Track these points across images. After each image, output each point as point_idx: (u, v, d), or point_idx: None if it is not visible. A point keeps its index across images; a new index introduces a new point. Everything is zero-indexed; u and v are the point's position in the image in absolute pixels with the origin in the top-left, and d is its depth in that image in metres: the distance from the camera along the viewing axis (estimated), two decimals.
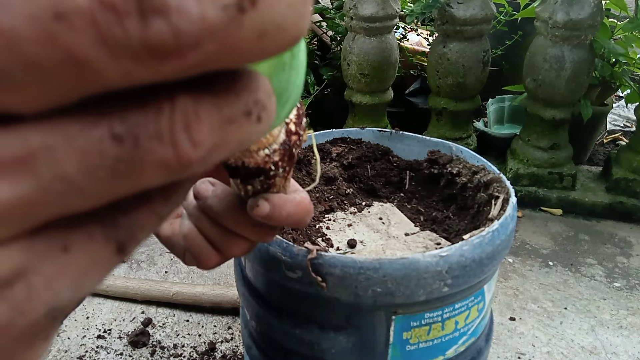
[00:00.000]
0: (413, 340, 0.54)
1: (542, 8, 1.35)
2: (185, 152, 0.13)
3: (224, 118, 0.13)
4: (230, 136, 0.14)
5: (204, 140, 0.13)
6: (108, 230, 0.14)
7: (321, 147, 0.77)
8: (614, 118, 2.10)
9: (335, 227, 0.68)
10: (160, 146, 0.12)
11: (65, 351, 1.01)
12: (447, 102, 1.54)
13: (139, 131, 0.12)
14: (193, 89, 0.13)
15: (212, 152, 0.13)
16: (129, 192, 0.13)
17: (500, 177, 0.64)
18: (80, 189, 0.12)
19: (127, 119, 0.12)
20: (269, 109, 0.15)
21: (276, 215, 0.28)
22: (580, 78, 1.35)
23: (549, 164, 1.47)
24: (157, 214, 0.15)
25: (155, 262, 1.26)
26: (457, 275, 0.51)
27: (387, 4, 1.42)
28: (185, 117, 0.12)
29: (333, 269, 0.50)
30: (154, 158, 0.12)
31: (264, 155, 0.25)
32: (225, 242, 0.31)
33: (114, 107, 0.12)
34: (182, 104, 0.12)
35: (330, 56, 1.80)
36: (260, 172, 0.26)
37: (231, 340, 1.04)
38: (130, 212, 0.14)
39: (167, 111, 0.12)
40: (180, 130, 0.12)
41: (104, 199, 0.13)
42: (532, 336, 1.05)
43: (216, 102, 0.13)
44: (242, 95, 0.14)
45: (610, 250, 1.31)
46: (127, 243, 0.14)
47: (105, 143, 0.12)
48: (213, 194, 0.30)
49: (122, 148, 0.12)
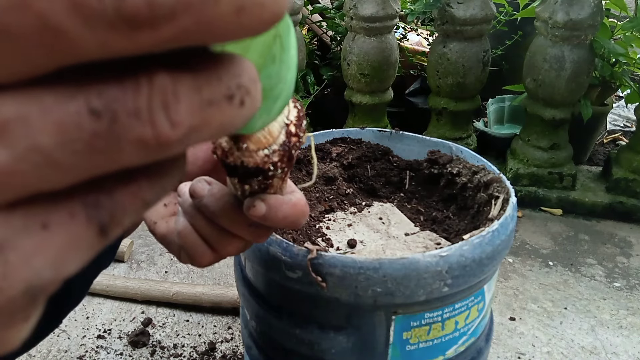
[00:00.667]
0: (413, 340, 0.54)
1: (542, 8, 1.35)
2: (163, 132, 0.12)
3: (204, 100, 0.13)
4: (212, 119, 0.13)
5: (182, 121, 0.13)
6: (90, 211, 0.13)
7: (321, 147, 0.77)
8: (614, 118, 2.10)
9: (335, 227, 0.68)
10: (138, 124, 0.12)
11: (65, 351, 1.01)
12: (447, 102, 1.54)
13: (116, 107, 0.12)
14: (172, 69, 0.13)
15: (191, 133, 0.13)
16: (108, 170, 0.13)
17: (500, 177, 0.64)
18: (57, 162, 0.12)
19: (105, 93, 0.12)
20: (254, 95, 0.15)
21: (272, 217, 0.28)
22: (580, 78, 1.35)
23: (549, 164, 1.47)
24: (142, 199, 0.14)
25: (155, 262, 1.26)
26: (457, 275, 0.51)
27: (387, 4, 1.42)
28: (163, 95, 0.12)
29: (333, 269, 0.50)
30: (132, 136, 0.12)
31: (263, 155, 0.25)
32: (220, 241, 0.31)
33: (91, 81, 0.12)
34: (161, 82, 0.12)
35: (330, 56, 1.80)
36: (259, 172, 0.26)
37: (231, 340, 1.04)
38: (113, 194, 0.14)
39: (145, 88, 0.12)
40: (158, 109, 0.12)
41: (82, 175, 0.13)
42: (532, 336, 1.05)
43: (196, 83, 0.13)
44: (224, 79, 0.14)
45: (610, 250, 1.31)
46: (110, 225, 0.14)
47: (82, 117, 0.12)
48: (209, 193, 0.30)
49: (99, 123, 0.12)
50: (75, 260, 0.13)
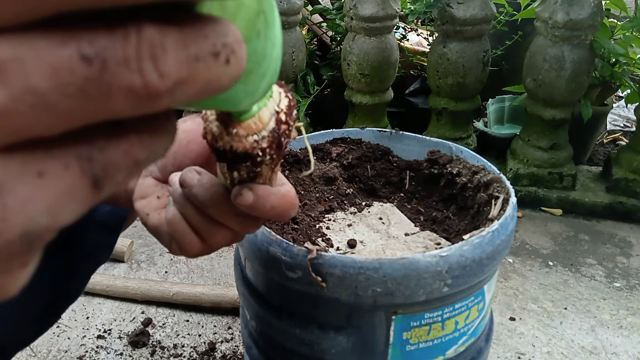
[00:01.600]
0: (413, 340, 0.54)
1: (542, 8, 1.35)
2: (152, 81, 0.13)
3: (191, 54, 0.14)
4: (198, 74, 0.14)
5: (169, 72, 0.13)
6: (83, 163, 0.14)
7: (321, 147, 0.77)
8: (614, 118, 2.10)
9: (335, 227, 0.68)
10: (127, 72, 0.13)
11: (65, 351, 1.01)
12: (447, 102, 1.54)
13: (107, 55, 0.12)
14: (159, 22, 0.13)
15: (179, 86, 0.14)
16: (100, 117, 0.13)
17: (500, 177, 0.64)
18: (51, 104, 0.12)
19: (95, 41, 0.12)
20: (239, 54, 0.15)
21: (260, 206, 0.28)
22: (580, 78, 1.35)
23: (549, 164, 1.47)
24: (134, 157, 0.15)
25: (155, 262, 1.26)
26: (457, 275, 0.51)
27: (387, 4, 1.42)
28: (151, 46, 0.13)
29: (333, 269, 0.50)
30: (122, 83, 0.13)
31: (252, 141, 0.26)
32: (209, 231, 0.32)
33: (83, 29, 0.13)
34: (149, 33, 0.13)
35: (330, 56, 1.80)
36: (247, 158, 0.26)
37: (231, 340, 1.04)
38: (105, 150, 0.14)
39: (134, 39, 0.13)
40: (146, 59, 0.13)
41: (75, 120, 0.13)
42: (532, 336, 1.05)
43: (182, 38, 0.14)
44: (210, 36, 0.14)
45: (610, 250, 1.31)
46: (103, 180, 0.14)
47: (74, 62, 0.12)
48: (199, 183, 0.30)
49: (90, 69, 0.12)
50: (70, 210, 0.14)
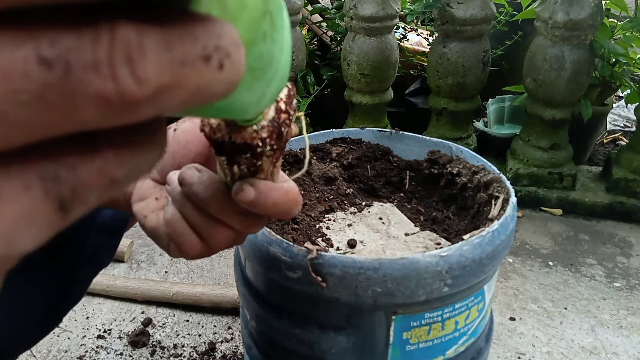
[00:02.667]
0: (413, 340, 0.54)
1: (542, 8, 1.35)
2: (127, 88, 0.11)
3: (176, 58, 0.12)
4: (185, 80, 0.12)
5: (149, 78, 0.12)
6: (47, 183, 0.12)
7: (321, 147, 0.77)
8: (614, 118, 2.10)
9: (335, 227, 0.68)
10: (97, 77, 0.11)
11: (65, 351, 1.01)
12: (447, 102, 1.54)
13: (71, 57, 0.11)
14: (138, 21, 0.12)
15: (162, 93, 0.12)
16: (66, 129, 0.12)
17: (500, 177, 0.64)
18: (3, 113, 0.11)
19: (58, 42, 0.11)
20: (235, 59, 0.13)
21: (261, 202, 0.27)
22: (580, 78, 1.35)
23: (549, 164, 1.47)
24: (109, 177, 0.13)
25: (155, 262, 1.26)
26: (457, 275, 0.51)
27: (387, 4, 1.42)
28: (127, 48, 0.11)
29: (333, 269, 0.50)
30: (90, 90, 0.11)
31: (252, 130, 0.25)
32: (209, 230, 0.30)
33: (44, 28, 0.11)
34: (123, 32, 0.11)
35: (330, 56, 1.80)
36: (247, 148, 0.25)
37: (231, 340, 1.04)
38: (76, 168, 0.13)
39: (105, 39, 0.11)
40: (120, 63, 0.11)
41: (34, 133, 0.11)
42: (532, 336, 1.05)
43: (166, 40, 0.12)
44: (200, 38, 0.13)
45: (610, 250, 1.31)
46: (71, 202, 0.13)
47: (29, 65, 0.11)
48: (199, 180, 0.29)
49: (50, 73, 0.11)
50: (30, 236, 0.12)
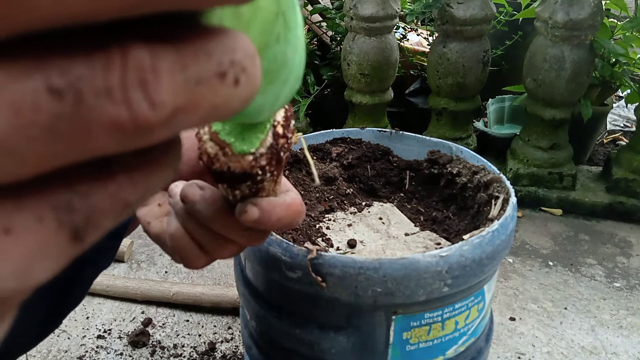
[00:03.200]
0: (413, 340, 0.54)
1: (542, 8, 1.35)
2: (142, 113, 0.11)
3: (191, 78, 0.12)
4: (201, 99, 0.12)
5: (164, 101, 0.11)
6: (61, 214, 0.12)
7: (321, 147, 0.77)
8: (614, 118, 2.10)
9: (335, 227, 0.68)
10: (109, 104, 0.11)
11: (65, 351, 1.01)
12: (447, 102, 1.54)
13: (82, 85, 0.10)
14: (151, 42, 0.11)
15: (178, 115, 0.12)
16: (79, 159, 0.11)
17: (500, 177, 0.64)
18: (12, 148, 0.10)
19: (68, 70, 0.10)
20: (251, 72, 0.13)
21: (265, 220, 0.27)
22: (580, 78, 1.35)
23: (549, 164, 1.47)
24: (123, 201, 0.13)
25: (155, 262, 1.26)
26: (457, 275, 0.51)
27: (387, 4, 1.42)
28: (140, 72, 0.11)
29: (333, 269, 0.50)
30: (103, 118, 0.11)
31: (250, 159, 0.24)
32: (214, 245, 0.30)
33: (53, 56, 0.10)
34: (136, 55, 0.11)
35: (330, 56, 1.80)
36: (246, 177, 0.25)
37: (231, 340, 1.04)
38: (89, 195, 0.12)
39: (117, 63, 0.11)
40: (134, 87, 0.11)
41: (46, 165, 0.11)
42: (532, 336, 1.05)
43: (180, 59, 0.11)
44: (214, 54, 0.12)
45: (610, 250, 1.31)
46: (86, 230, 0.12)
47: (39, 96, 0.10)
48: (201, 198, 0.29)
49: (61, 104, 0.10)
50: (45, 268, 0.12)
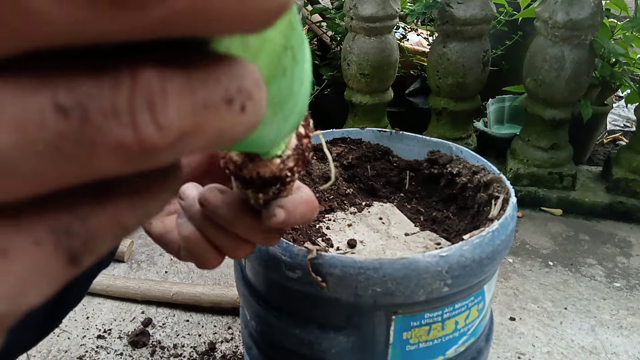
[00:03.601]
0: (413, 340, 0.54)
1: (542, 8, 1.35)
2: (148, 136, 0.11)
3: (198, 102, 0.12)
4: (207, 124, 0.12)
5: (171, 124, 0.11)
6: (59, 237, 0.12)
7: (321, 147, 0.77)
8: (614, 118, 2.10)
9: (335, 227, 0.68)
10: (116, 125, 0.11)
11: (65, 351, 1.01)
12: (447, 102, 1.54)
13: (89, 104, 0.10)
14: (161, 64, 0.11)
15: (184, 139, 0.12)
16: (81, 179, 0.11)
17: (500, 177, 0.64)
18: (14, 165, 0.10)
19: (76, 88, 0.10)
20: (257, 100, 0.13)
21: (291, 220, 0.28)
22: (580, 78, 1.35)
23: (549, 164, 1.47)
24: (122, 224, 0.13)
25: (155, 262, 1.26)
26: (457, 275, 0.51)
27: (387, 4, 1.42)
28: (149, 94, 0.11)
29: (333, 269, 0.50)
30: (108, 138, 0.11)
31: (278, 162, 0.24)
32: (231, 247, 0.31)
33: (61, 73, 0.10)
34: (146, 77, 0.11)
35: (330, 56, 1.80)
36: (276, 181, 0.26)
37: (231, 340, 1.04)
38: (89, 219, 0.12)
39: (126, 84, 0.11)
40: (142, 110, 0.11)
41: (48, 184, 0.11)
42: (532, 336, 1.05)
43: (189, 83, 0.11)
44: (223, 80, 0.12)
45: (610, 250, 1.31)
46: (82, 254, 0.12)
47: (45, 113, 0.10)
48: (223, 203, 0.29)
49: (67, 122, 0.10)
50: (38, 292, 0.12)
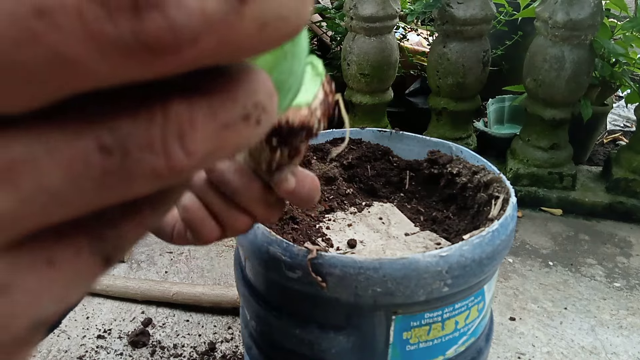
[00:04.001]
0: (413, 340, 0.54)
1: (542, 8, 1.35)
2: (178, 162, 0.12)
3: (220, 124, 0.12)
4: (226, 142, 0.13)
5: (197, 149, 0.12)
6: (95, 244, 0.13)
7: (321, 147, 0.77)
8: (614, 118, 2.10)
9: (335, 227, 0.68)
10: (151, 156, 0.12)
11: (65, 351, 1.01)
12: (447, 102, 1.54)
13: (129, 142, 0.11)
14: (187, 94, 0.12)
15: (205, 159, 0.13)
16: (116, 202, 0.13)
17: (500, 177, 0.64)
18: (65, 200, 0.11)
19: (117, 129, 0.11)
20: (270, 110, 0.14)
21: (299, 191, 0.28)
22: (580, 78, 1.35)
23: (549, 164, 1.47)
24: (145, 225, 0.14)
25: (155, 262, 1.26)
26: (457, 275, 0.51)
27: (387, 4, 1.42)
28: (179, 126, 0.12)
29: (333, 269, 0.50)
30: (144, 169, 0.12)
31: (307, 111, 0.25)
32: (232, 218, 0.31)
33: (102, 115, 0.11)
34: (177, 112, 0.12)
35: (330, 56, 1.80)
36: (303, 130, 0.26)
37: (231, 340, 1.04)
38: (118, 226, 0.14)
39: (159, 120, 0.12)
40: (173, 139, 0.12)
41: (90, 209, 0.12)
42: (532, 336, 1.05)
43: (212, 108, 0.12)
44: (239, 99, 0.13)
45: (610, 250, 1.31)
46: (113, 255, 0.14)
47: (91, 154, 0.11)
48: (230, 169, 0.29)
49: (110, 159, 0.11)
50: (79, 291, 0.14)
